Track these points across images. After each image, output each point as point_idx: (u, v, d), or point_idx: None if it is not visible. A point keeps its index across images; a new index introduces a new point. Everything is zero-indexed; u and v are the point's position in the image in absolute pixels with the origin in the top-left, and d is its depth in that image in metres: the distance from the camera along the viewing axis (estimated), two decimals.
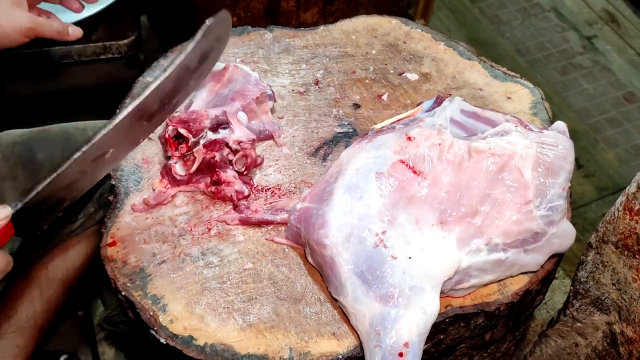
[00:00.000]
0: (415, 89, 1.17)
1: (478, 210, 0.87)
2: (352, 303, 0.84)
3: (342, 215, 0.87)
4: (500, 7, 2.81)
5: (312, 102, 1.14)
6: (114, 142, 0.87)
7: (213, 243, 0.94)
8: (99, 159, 0.86)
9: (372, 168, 0.89)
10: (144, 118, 0.89)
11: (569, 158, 0.90)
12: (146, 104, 0.87)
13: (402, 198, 0.88)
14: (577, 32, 2.72)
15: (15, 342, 1.27)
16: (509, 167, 0.88)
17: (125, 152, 0.92)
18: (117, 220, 0.96)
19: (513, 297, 0.91)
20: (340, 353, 0.84)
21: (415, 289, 0.83)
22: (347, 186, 0.89)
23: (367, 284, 0.83)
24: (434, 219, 0.88)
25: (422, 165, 0.89)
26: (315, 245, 0.87)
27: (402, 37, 1.27)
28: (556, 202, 0.88)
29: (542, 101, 1.14)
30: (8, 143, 1.20)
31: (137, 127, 0.89)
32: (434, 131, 0.91)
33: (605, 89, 2.52)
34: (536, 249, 0.89)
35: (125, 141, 0.89)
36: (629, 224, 0.92)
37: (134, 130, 0.89)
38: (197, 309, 0.87)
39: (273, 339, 0.85)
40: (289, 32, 1.26)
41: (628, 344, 0.99)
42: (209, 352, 0.83)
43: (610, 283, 0.99)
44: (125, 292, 0.88)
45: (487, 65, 1.21)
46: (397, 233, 0.86)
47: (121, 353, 1.52)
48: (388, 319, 0.81)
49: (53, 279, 1.34)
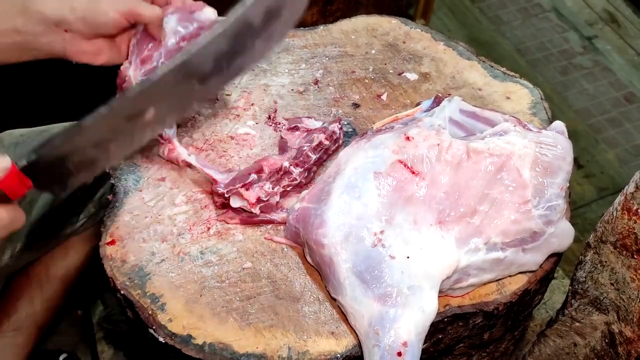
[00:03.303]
0: (415, 89, 1.17)
1: (477, 209, 0.88)
2: (351, 303, 0.84)
3: (341, 215, 0.87)
4: (501, 7, 2.81)
5: (312, 102, 1.14)
6: (155, 100, 0.74)
7: (212, 242, 0.94)
8: (136, 118, 0.74)
9: (371, 168, 0.90)
10: (195, 78, 0.76)
11: (568, 158, 0.91)
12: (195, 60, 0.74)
13: (401, 198, 0.88)
14: (577, 32, 2.72)
15: (15, 341, 1.28)
16: (508, 166, 0.88)
17: (172, 116, 0.81)
18: (116, 219, 0.96)
19: (512, 296, 0.91)
20: (339, 352, 0.84)
21: (413, 289, 0.83)
22: (346, 186, 0.89)
23: (366, 283, 0.83)
24: (433, 219, 0.88)
25: (421, 165, 0.89)
26: (313, 244, 0.87)
27: (402, 37, 1.27)
28: (554, 202, 0.88)
29: (541, 101, 1.14)
30: (10, 143, 1.21)
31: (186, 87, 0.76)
32: (433, 131, 0.92)
33: (606, 89, 2.52)
34: (534, 248, 0.89)
35: (171, 101, 0.77)
36: (627, 223, 0.92)
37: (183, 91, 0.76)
38: (196, 307, 0.87)
39: (272, 338, 0.85)
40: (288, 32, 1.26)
41: (626, 344, 0.99)
42: (208, 351, 0.83)
43: (608, 283, 0.99)
44: (124, 290, 0.88)
45: (486, 65, 1.21)
46: (395, 233, 0.86)
47: (120, 352, 1.52)
48: (386, 319, 0.81)
49: (53, 278, 1.35)
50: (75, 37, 0.92)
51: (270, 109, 1.12)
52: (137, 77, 0.96)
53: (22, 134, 1.24)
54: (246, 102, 1.13)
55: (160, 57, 0.96)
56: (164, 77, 0.73)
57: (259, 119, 1.11)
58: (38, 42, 0.91)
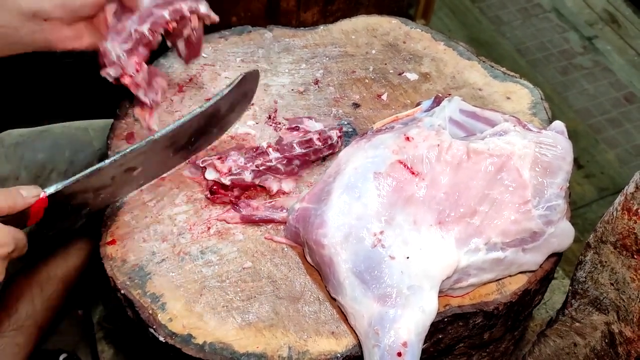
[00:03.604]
0: (415, 89, 1.17)
1: (477, 210, 0.88)
2: (351, 303, 0.84)
3: (341, 215, 0.87)
4: (501, 7, 2.81)
5: (312, 102, 1.14)
6: (143, 160, 0.92)
7: (212, 242, 0.94)
8: (129, 171, 0.90)
9: (371, 168, 0.90)
10: (172, 148, 0.95)
11: (568, 158, 0.91)
12: (177, 133, 0.93)
13: (400, 198, 0.88)
14: (577, 33, 2.72)
15: (15, 340, 1.27)
16: (508, 167, 0.88)
17: (151, 175, 0.97)
18: (116, 218, 0.96)
19: (512, 296, 0.91)
20: (339, 352, 0.84)
21: (413, 289, 0.83)
22: (346, 186, 0.89)
23: (366, 283, 0.83)
24: (432, 220, 0.88)
25: (420, 166, 0.89)
26: (314, 245, 0.87)
27: (402, 37, 1.27)
28: (554, 202, 0.88)
29: (541, 101, 1.14)
30: (10, 143, 1.21)
31: (164, 155, 0.94)
32: (433, 132, 0.92)
33: (606, 89, 2.52)
34: (534, 248, 0.89)
35: (153, 164, 0.95)
36: (627, 224, 0.92)
37: (161, 157, 0.94)
38: (196, 307, 0.87)
39: (272, 337, 0.85)
40: (289, 32, 1.26)
41: (626, 344, 0.99)
42: (208, 351, 0.83)
43: (608, 283, 0.99)
44: (125, 290, 0.88)
45: (486, 65, 1.21)
46: (395, 233, 0.86)
47: (120, 352, 1.52)
48: (386, 319, 0.81)
49: (53, 277, 1.34)
50: (55, 25, 0.91)
51: (271, 109, 1.12)
52: (115, 48, 0.97)
53: (22, 134, 1.24)
54: None
55: (134, 23, 0.97)
56: (154, 141, 0.91)
57: (259, 118, 1.11)
58: (18, 35, 0.90)
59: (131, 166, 0.91)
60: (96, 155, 1.24)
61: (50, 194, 0.82)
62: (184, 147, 0.97)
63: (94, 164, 0.87)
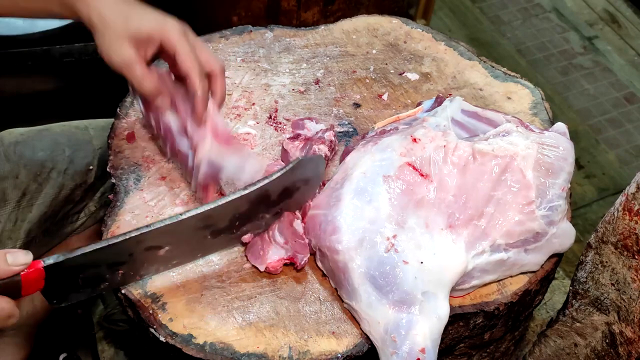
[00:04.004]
0: (416, 89, 1.17)
1: (483, 212, 0.87)
2: (366, 309, 0.83)
3: (354, 220, 0.86)
4: (501, 7, 2.81)
5: (313, 102, 1.14)
6: (171, 240, 0.83)
7: None
8: (152, 250, 0.83)
9: (379, 171, 0.89)
10: (209, 230, 0.85)
11: (569, 159, 0.91)
12: (214, 214, 0.83)
13: (411, 201, 0.87)
14: (577, 33, 2.72)
15: (15, 340, 1.27)
16: (512, 168, 0.88)
17: (180, 259, 0.87)
18: (117, 218, 0.96)
19: (512, 297, 0.91)
20: (340, 352, 0.84)
21: (427, 295, 0.83)
22: (355, 190, 0.88)
23: (380, 289, 0.83)
24: (443, 223, 0.87)
25: (428, 167, 0.89)
26: (327, 251, 0.86)
27: (403, 36, 1.27)
28: (556, 202, 0.88)
29: (542, 101, 1.14)
30: (10, 142, 1.20)
31: (199, 237, 0.85)
32: (439, 132, 0.91)
33: (606, 89, 2.52)
34: (536, 248, 0.89)
35: (183, 245, 0.85)
36: (628, 224, 0.92)
37: (195, 239, 0.85)
38: (197, 307, 0.87)
39: (272, 337, 0.85)
40: (289, 32, 1.26)
41: (627, 344, 0.99)
42: (209, 351, 0.83)
43: (609, 283, 0.99)
44: (125, 290, 0.88)
45: (487, 65, 1.21)
46: (407, 237, 0.86)
47: (121, 351, 1.51)
48: (402, 326, 0.81)
49: None
50: None
51: (271, 109, 1.12)
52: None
53: (22, 133, 1.23)
54: (247, 102, 1.13)
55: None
56: (185, 219, 0.81)
57: (260, 118, 1.10)
58: None
59: (153, 245, 0.82)
60: (96, 154, 1.23)
61: (48, 264, 0.75)
62: (226, 230, 0.87)
63: (94, 163, 0.82)
